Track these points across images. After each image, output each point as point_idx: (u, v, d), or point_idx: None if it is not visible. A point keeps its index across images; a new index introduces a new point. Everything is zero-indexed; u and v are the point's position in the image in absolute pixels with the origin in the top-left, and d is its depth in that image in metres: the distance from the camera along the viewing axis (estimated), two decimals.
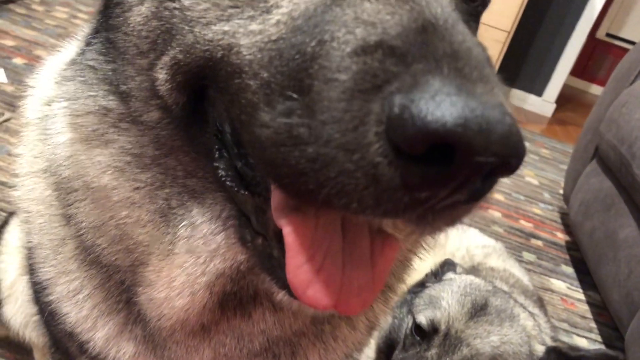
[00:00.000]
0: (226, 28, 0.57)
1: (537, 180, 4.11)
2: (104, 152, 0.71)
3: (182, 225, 0.72)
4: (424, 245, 0.97)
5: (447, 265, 1.61)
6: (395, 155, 0.44)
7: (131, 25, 0.66)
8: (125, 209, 0.72)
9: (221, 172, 0.64)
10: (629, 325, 2.22)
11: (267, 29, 0.55)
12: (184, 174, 0.71)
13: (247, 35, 0.56)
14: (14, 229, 1.49)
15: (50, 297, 0.84)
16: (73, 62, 0.75)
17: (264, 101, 0.51)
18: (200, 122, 0.65)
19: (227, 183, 0.64)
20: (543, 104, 5.79)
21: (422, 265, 1.06)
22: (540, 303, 1.95)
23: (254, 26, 0.56)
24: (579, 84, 7.33)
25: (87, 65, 0.72)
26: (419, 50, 0.46)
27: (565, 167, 3.54)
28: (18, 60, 3.39)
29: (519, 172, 4.14)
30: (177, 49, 0.61)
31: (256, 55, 0.54)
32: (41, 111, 0.84)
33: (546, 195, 3.91)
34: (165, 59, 0.62)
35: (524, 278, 2.03)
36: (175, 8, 0.61)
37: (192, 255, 0.72)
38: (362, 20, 0.49)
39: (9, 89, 3.06)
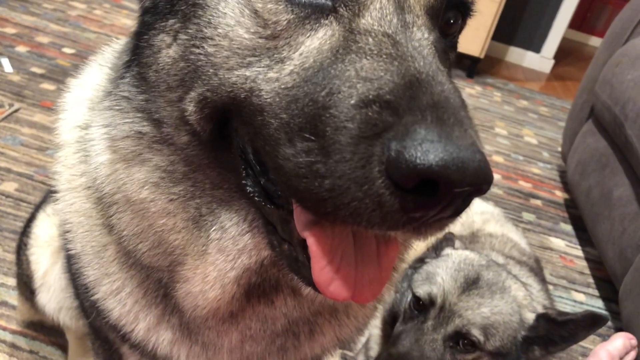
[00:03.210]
0: (247, 73, 0.67)
1: (536, 140, 4.19)
2: (141, 170, 0.82)
3: (213, 229, 0.83)
4: None
5: (446, 241, 1.72)
6: (394, 188, 0.55)
7: (160, 64, 0.75)
8: (162, 218, 0.83)
9: (249, 189, 0.75)
10: (623, 280, 2.35)
11: (283, 77, 0.65)
12: (211, 186, 0.81)
13: (267, 81, 0.66)
14: (41, 223, 1.60)
15: (96, 297, 0.95)
16: (109, 93, 0.84)
17: (284, 138, 0.62)
18: (225, 144, 0.75)
19: (255, 198, 0.75)
20: (541, 61, 5.81)
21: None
22: (538, 266, 2.07)
23: (272, 74, 0.66)
24: (578, 36, 7.30)
25: (122, 95, 0.81)
26: (407, 103, 0.57)
27: (564, 124, 3.60)
28: (21, 48, 3.44)
29: (517, 132, 4.20)
30: (204, 87, 0.71)
31: (275, 99, 0.65)
32: (76, 134, 0.94)
33: (545, 154, 3.99)
34: (193, 94, 0.72)
35: (522, 241, 2.14)
36: (200, 53, 0.70)
37: (222, 253, 0.84)
38: (361, 76, 0.60)
39: (16, 78, 3.11)
